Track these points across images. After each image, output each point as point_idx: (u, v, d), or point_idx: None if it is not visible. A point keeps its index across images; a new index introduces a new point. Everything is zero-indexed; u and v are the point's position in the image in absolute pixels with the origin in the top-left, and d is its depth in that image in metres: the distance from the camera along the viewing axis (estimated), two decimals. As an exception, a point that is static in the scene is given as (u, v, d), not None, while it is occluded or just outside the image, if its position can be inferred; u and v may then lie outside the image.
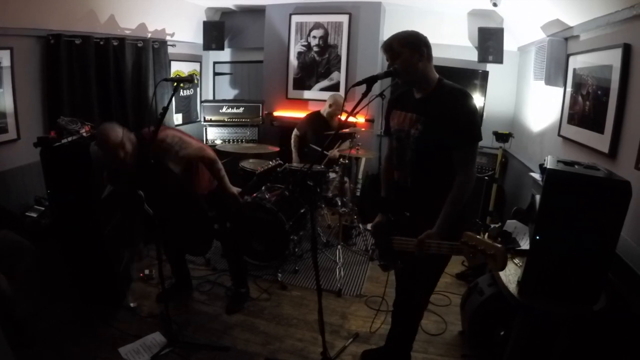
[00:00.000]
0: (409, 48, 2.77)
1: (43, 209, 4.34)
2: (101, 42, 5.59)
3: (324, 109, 6.46)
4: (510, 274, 3.07)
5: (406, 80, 2.88)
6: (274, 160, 4.52)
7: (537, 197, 2.94)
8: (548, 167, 2.67)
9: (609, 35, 3.68)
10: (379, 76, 2.77)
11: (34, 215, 4.23)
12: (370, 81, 2.70)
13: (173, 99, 3.71)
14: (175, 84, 3.51)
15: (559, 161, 2.79)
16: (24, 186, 4.67)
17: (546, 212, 2.63)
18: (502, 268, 2.45)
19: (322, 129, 6.18)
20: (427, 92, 2.87)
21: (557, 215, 2.59)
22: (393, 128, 3.08)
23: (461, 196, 2.76)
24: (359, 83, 2.72)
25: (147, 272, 4.94)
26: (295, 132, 6.58)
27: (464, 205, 2.81)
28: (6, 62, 4.57)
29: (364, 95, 2.69)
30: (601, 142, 3.62)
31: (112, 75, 5.83)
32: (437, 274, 3.18)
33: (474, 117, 2.78)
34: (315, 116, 6.57)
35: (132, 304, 4.34)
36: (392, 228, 3.04)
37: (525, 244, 3.45)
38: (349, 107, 3.02)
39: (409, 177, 2.99)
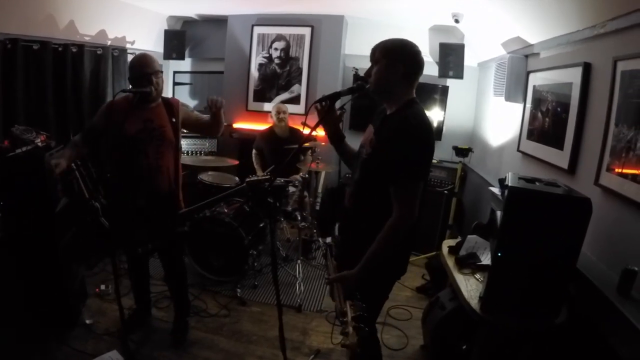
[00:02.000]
0: (388, 59, 2.57)
1: (-5, 220, 4.20)
2: (59, 48, 5.42)
3: (274, 123, 6.48)
4: (472, 289, 3.07)
5: (374, 91, 2.64)
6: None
7: (498, 212, 2.96)
8: (509, 184, 2.68)
9: (569, 54, 3.73)
10: (341, 93, 2.70)
11: (-15, 227, 4.10)
12: (333, 98, 2.64)
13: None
14: (132, 95, 3.47)
15: (520, 178, 2.80)
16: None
17: (508, 229, 2.64)
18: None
19: (276, 143, 6.19)
20: (391, 111, 2.64)
21: (518, 232, 2.60)
22: (360, 142, 2.83)
23: (390, 238, 2.44)
24: (322, 99, 2.66)
25: (103, 287, 4.79)
26: (253, 150, 6.58)
27: (396, 250, 2.53)
28: (-40, 66, 4.40)
29: (327, 111, 2.65)
30: (561, 158, 3.66)
31: (69, 82, 5.65)
32: (374, 303, 2.70)
33: (413, 152, 2.43)
34: (268, 132, 6.58)
35: (87, 321, 4.19)
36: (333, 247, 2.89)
37: (485, 259, 3.46)
38: (310, 121, 2.96)
39: (350, 197, 2.79)
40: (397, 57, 2.57)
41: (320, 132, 6.97)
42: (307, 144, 5.62)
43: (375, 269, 2.48)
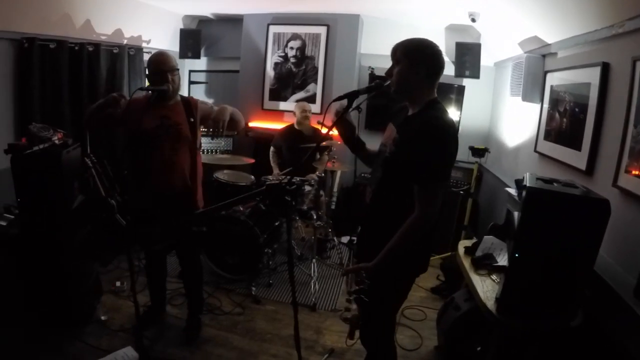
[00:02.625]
0: (410, 60, 2.55)
1: (13, 217, 4.22)
2: (76, 47, 5.46)
3: (297, 121, 6.47)
4: (488, 290, 3.05)
5: (397, 91, 2.63)
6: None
7: (515, 213, 2.94)
8: (527, 185, 2.66)
9: (587, 54, 3.70)
10: (360, 91, 2.67)
11: (4, 223, 4.11)
12: (351, 96, 2.62)
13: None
14: (149, 92, 3.49)
15: (537, 178, 2.78)
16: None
17: (525, 230, 2.63)
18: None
19: (296, 141, 6.17)
20: (414, 111, 2.64)
21: (536, 233, 2.58)
22: (382, 141, 2.85)
23: (409, 234, 2.46)
24: (340, 98, 2.63)
25: (118, 284, 4.83)
26: (271, 148, 6.57)
27: (414, 248, 2.53)
28: (-23, 65, 4.44)
29: (345, 110, 2.64)
30: (578, 159, 3.63)
31: (85, 81, 5.68)
32: (391, 301, 2.85)
33: (435, 153, 2.44)
34: (288, 129, 6.58)
35: (102, 317, 4.22)
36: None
37: (502, 260, 3.44)
38: (327, 120, 2.96)
39: (371, 195, 2.81)
40: (419, 57, 2.56)
41: (336, 131, 7.05)
42: (324, 143, 5.61)
43: (393, 265, 2.50)
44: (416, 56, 2.55)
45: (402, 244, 2.47)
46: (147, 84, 3.73)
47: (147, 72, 3.67)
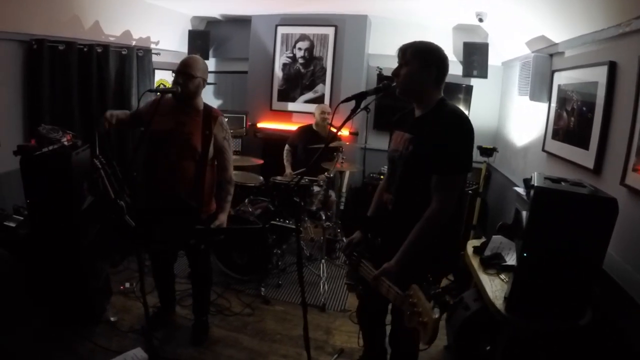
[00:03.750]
0: (420, 61, 2.63)
1: (22, 218, 4.25)
2: (85, 49, 5.50)
3: (315, 122, 6.47)
4: (497, 290, 3.06)
5: (403, 91, 2.71)
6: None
7: (524, 213, 2.95)
8: (535, 184, 2.67)
9: (594, 53, 3.70)
10: (368, 92, 2.70)
11: (13, 224, 4.14)
12: (359, 97, 2.64)
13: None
14: (158, 94, 3.50)
15: (545, 178, 2.79)
16: (2, 195, 4.55)
17: (534, 229, 2.64)
18: (430, 342, 2.11)
19: (313, 142, 6.15)
20: (425, 111, 2.71)
21: (544, 233, 2.59)
22: (390, 148, 2.93)
23: (428, 228, 2.53)
24: (349, 99, 2.65)
25: (127, 285, 4.86)
26: (286, 146, 6.57)
27: (436, 241, 2.58)
28: (-14, 66, 4.49)
29: (353, 111, 2.65)
30: (586, 158, 3.63)
31: (94, 83, 5.72)
32: None
33: (464, 145, 2.56)
34: (306, 129, 6.57)
35: (112, 318, 4.23)
36: (366, 250, 2.98)
37: (510, 260, 3.44)
38: (335, 121, 2.99)
39: (392, 201, 2.86)
40: (432, 59, 2.65)
41: (345, 132, 7.07)
42: (333, 144, 5.61)
43: (420, 263, 2.58)
44: (428, 58, 2.63)
45: (421, 239, 2.55)
46: (156, 85, 3.74)
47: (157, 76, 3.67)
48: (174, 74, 3.63)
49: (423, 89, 2.68)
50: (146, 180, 3.76)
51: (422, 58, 2.62)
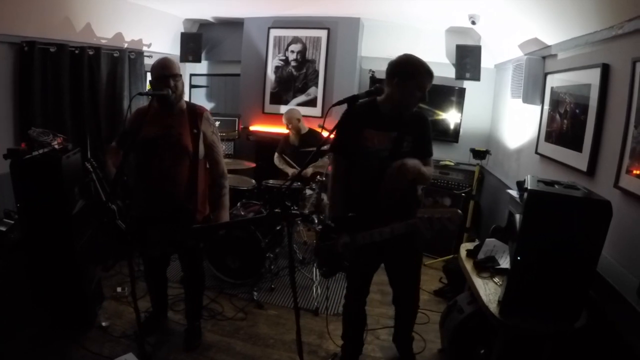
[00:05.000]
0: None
1: (12, 222, 4.22)
2: (76, 51, 5.47)
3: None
4: (491, 293, 3.05)
5: (405, 108, 3.17)
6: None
7: (517, 216, 2.94)
8: (529, 187, 2.66)
9: (587, 55, 3.70)
10: (359, 96, 2.73)
11: (3, 229, 4.11)
12: (351, 100, 2.66)
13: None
14: (150, 97, 3.47)
15: (539, 181, 2.79)
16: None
17: (528, 232, 2.63)
18: (458, 224, 2.87)
19: (292, 148, 6.22)
20: (406, 112, 3.21)
21: (538, 235, 2.59)
22: (372, 148, 3.18)
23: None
24: (340, 102, 2.70)
25: (119, 289, 4.83)
26: (276, 154, 6.54)
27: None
28: (-23, 68, 4.46)
29: (346, 114, 2.67)
30: (579, 160, 3.62)
31: (86, 85, 5.69)
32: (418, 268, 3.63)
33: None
34: (284, 139, 6.60)
35: (104, 323, 4.20)
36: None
37: (504, 263, 3.43)
38: (327, 124, 3.01)
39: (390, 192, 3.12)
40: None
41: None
42: (325, 147, 5.60)
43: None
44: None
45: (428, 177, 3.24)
46: (148, 88, 3.71)
47: (149, 78, 3.63)
48: (155, 80, 3.56)
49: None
50: (141, 187, 3.72)
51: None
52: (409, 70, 3.05)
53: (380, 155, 3.16)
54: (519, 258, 2.67)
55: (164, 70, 3.51)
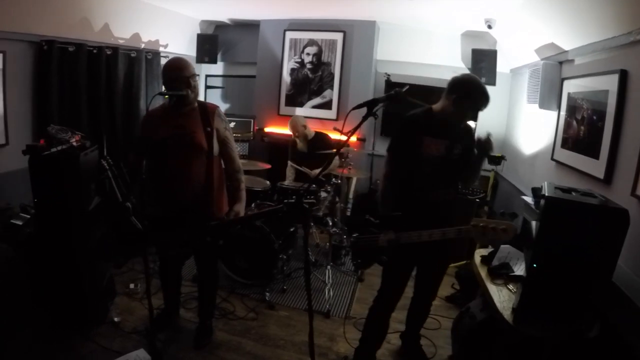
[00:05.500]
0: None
1: (28, 217, 4.25)
2: (94, 51, 5.53)
3: None
4: (505, 300, 3.03)
5: (457, 122, 3.42)
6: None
7: (533, 223, 2.92)
8: (546, 194, 2.64)
9: (605, 61, 3.68)
10: (379, 99, 2.72)
11: (20, 222, 4.14)
12: (371, 104, 2.66)
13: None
14: (166, 97, 3.48)
15: (556, 188, 2.76)
16: (9, 193, 4.55)
17: (544, 240, 2.61)
18: (511, 238, 2.96)
19: (298, 156, 6.23)
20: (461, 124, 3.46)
21: (554, 243, 2.56)
22: (427, 154, 3.35)
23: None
24: (360, 106, 2.69)
25: (132, 286, 4.85)
26: (289, 164, 6.48)
27: None
28: (-3, 65, 4.53)
29: (365, 118, 2.66)
30: (596, 167, 3.60)
31: (103, 84, 5.76)
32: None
33: None
34: (291, 147, 6.54)
35: (115, 319, 4.23)
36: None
37: (518, 270, 3.41)
38: (342, 126, 3.02)
39: (446, 193, 3.45)
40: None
41: (352, 138, 7.04)
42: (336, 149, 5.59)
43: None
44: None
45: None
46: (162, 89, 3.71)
47: (163, 79, 3.62)
48: (172, 81, 3.51)
49: None
50: (156, 188, 3.72)
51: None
52: (468, 91, 3.26)
53: (433, 160, 3.33)
54: (534, 265, 2.65)
55: (183, 72, 3.50)
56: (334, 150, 3.55)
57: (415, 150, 3.37)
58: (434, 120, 3.38)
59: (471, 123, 3.54)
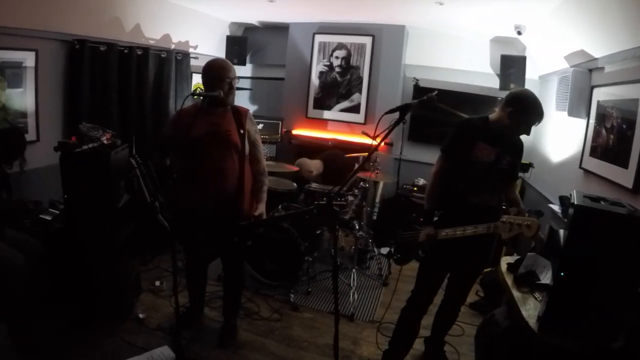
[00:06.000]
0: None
1: (57, 212, 4.33)
2: (125, 51, 5.63)
3: None
4: (530, 309, 3.02)
5: (510, 134, 3.45)
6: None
7: (560, 231, 2.91)
8: (575, 202, 2.63)
9: (635, 69, 3.65)
10: (412, 105, 2.75)
11: (49, 218, 4.22)
12: (403, 109, 2.69)
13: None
14: (196, 97, 3.53)
15: (585, 196, 2.75)
16: (39, 188, 4.64)
17: (572, 249, 2.59)
18: (535, 234, 3.11)
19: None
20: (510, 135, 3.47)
21: (582, 252, 2.55)
22: (478, 159, 3.43)
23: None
24: (392, 110, 2.75)
25: (157, 283, 4.93)
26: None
27: None
28: (30, 63, 4.62)
29: (397, 123, 2.69)
30: (625, 177, 3.58)
31: (133, 84, 5.85)
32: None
33: None
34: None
35: (140, 315, 4.30)
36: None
37: (545, 278, 3.40)
38: (370, 131, 3.07)
39: (488, 199, 3.53)
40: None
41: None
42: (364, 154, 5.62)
43: None
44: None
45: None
46: (193, 88, 3.76)
47: (203, 79, 3.67)
48: (214, 79, 3.58)
49: None
50: (188, 186, 3.73)
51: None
52: (523, 107, 3.29)
53: (482, 165, 3.41)
54: (561, 274, 2.64)
55: (227, 72, 3.58)
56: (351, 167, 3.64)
57: (467, 153, 3.45)
58: (488, 129, 3.47)
59: (523, 137, 3.53)
